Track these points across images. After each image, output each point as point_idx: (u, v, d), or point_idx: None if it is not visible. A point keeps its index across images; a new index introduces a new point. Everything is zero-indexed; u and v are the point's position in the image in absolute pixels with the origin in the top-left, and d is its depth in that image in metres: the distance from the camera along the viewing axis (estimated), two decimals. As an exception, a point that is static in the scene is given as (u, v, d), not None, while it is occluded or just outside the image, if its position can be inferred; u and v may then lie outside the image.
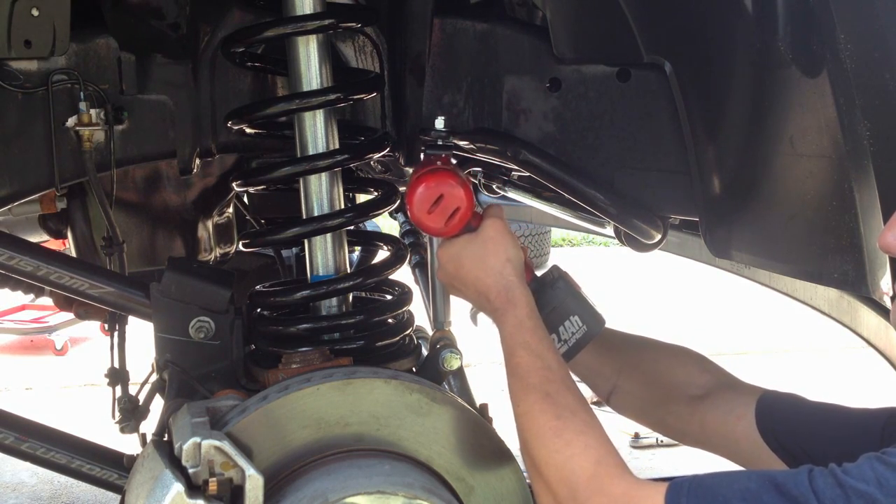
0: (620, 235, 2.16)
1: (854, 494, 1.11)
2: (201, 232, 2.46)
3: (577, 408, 1.37)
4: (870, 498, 1.10)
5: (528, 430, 1.38)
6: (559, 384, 1.40)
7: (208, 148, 1.96)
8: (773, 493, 1.15)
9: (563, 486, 1.29)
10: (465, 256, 1.55)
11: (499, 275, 1.52)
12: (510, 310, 1.49)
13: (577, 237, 10.09)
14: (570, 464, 1.29)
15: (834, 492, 1.12)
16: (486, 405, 1.77)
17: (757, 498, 1.15)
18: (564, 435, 1.32)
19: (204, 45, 1.91)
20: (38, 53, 1.70)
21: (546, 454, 1.33)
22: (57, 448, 1.85)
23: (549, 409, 1.36)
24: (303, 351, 1.69)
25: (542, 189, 2.76)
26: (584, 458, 1.29)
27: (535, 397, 1.38)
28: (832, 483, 1.13)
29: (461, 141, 1.99)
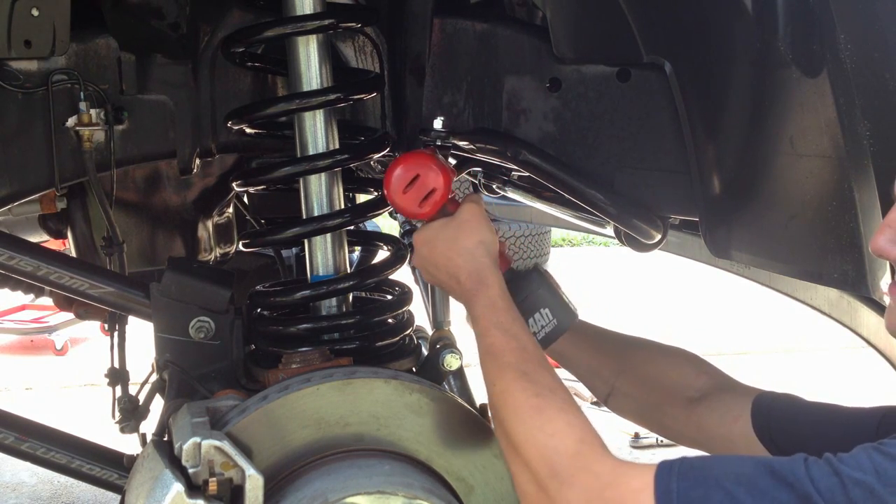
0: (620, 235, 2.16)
1: (851, 483, 1.09)
2: (201, 232, 2.46)
3: (556, 386, 1.34)
4: (867, 487, 1.09)
5: (505, 408, 1.34)
6: (535, 363, 1.37)
7: (208, 148, 1.96)
8: (768, 478, 1.12)
9: (543, 464, 1.25)
10: (439, 239, 1.54)
11: (470, 255, 1.50)
12: (482, 290, 1.47)
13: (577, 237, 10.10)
14: (552, 441, 1.26)
15: (830, 480, 1.10)
16: (486, 405, 1.77)
17: (751, 482, 1.12)
18: (545, 412, 1.29)
19: (204, 45, 1.91)
20: (38, 53, 1.70)
21: (525, 431, 1.29)
22: (57, 448, 1.85)
23: (528, 388, 1.33)
24: (303, 351, 1.69)
25: (542, 189, 2.76)
26: (566, 436, 1.26)
27: (512, 375, 1.35)
28: (828, 472, 1.11)
29: (461, 141, 1.99)
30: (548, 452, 1.26)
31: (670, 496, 1.14)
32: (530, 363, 1.37)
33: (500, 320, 1.43)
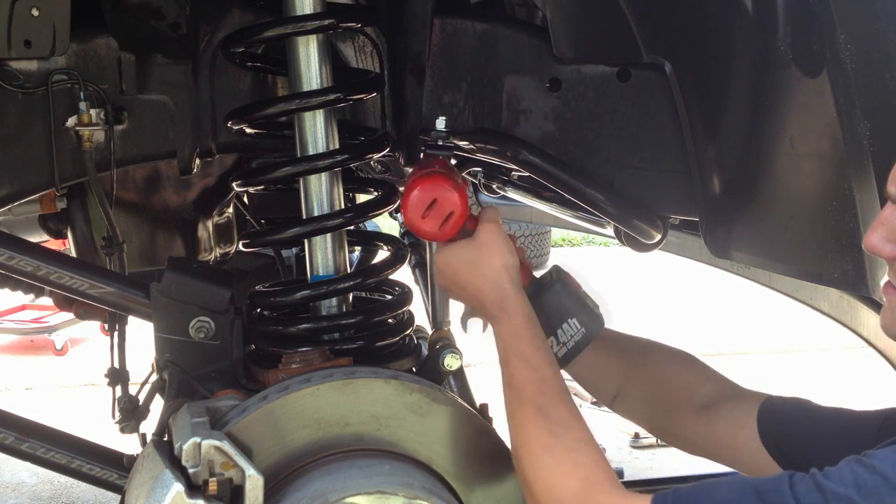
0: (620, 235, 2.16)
1: (833, 498, 1.12)
2: (201, 232, 2.46)
3: (571, 423, 1.37)
4: (848, 501, 1.11)
5: (519, 445, 1.38)
6: (553, 397, 1.39)
7: (208, 148, 1.96)
8: (753, 501, 1.16)
9: (551, 502, 1.31)
10: (461, 262, 1.55)
11: (494, 283, 1.51)
12: (505, 319, 1.49)
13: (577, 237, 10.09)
14: (559, 481, 1.31)
15: (814, 497, 1.13)
16: (486, 405, 1.77)
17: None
18: (555, 452, 1.33)
19: (204, 45, 1.91)
20: (38, 53, 1.70)
21: (535, 470, 1.34)
22: (57, 448, 1.85)
23: (542, 425, 1.36)
24: (303, 351, 1.69)
25: (542, 189, 2.76)
26: (572, 477, 1.30)
27: (529, 410, 1.38)
28: (812, 488, 1.14)
29: (461, 141, 1.99)
30: (554, 493, 1.31)
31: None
32: (548, 396, 1.40)
33: (521, 350, 1.45)
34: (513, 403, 1.42)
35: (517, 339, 1.46)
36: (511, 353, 1.46)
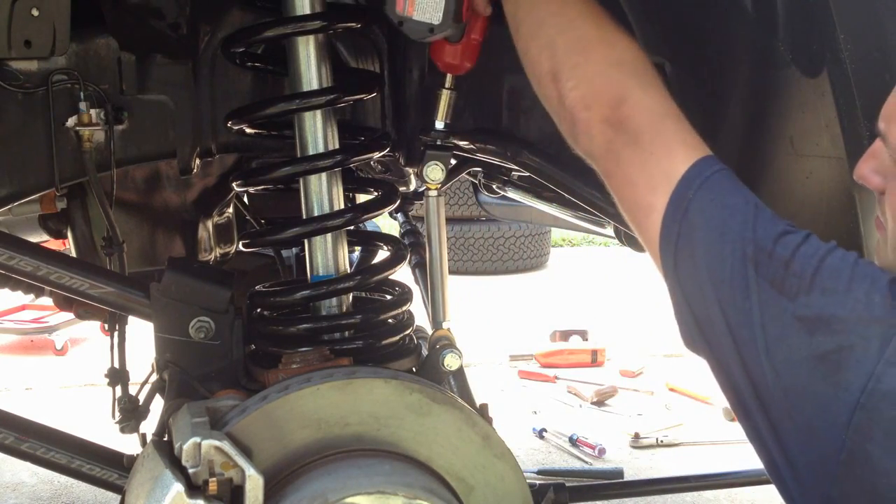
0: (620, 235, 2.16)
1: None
2: (201, 232, 2.45)
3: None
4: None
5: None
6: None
7: (208, 148, 1.96)
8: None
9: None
10: None
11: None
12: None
13: (577, 237, 10.08)
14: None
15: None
16: (486, 405, 1.77)
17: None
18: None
19: (204, 45, 1.91)
20: (38, 53, 1.70)
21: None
22: (57, 448, 1.85)
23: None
24: (303, 351, 1.69)
25: (542, 189, 2.76)
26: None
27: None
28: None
29: (461, 141, 1.99)
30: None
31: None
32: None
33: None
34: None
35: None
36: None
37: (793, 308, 1.13)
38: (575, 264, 9.00)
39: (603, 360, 5.72)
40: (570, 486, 2.61)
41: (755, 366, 1.15)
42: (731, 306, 1.17)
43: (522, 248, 8.39)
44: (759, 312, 1.15)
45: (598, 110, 1.31)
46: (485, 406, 1.76)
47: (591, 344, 5.84)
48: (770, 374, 1.14)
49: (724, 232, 1.19)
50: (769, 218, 1.20)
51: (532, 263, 8.47)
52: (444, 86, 1.75)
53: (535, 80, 1.43)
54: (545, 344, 5.85)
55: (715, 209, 1.21)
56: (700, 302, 1.21)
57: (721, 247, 1.19)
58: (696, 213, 1.21)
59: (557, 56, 1.37)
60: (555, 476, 3.94)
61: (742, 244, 1.17)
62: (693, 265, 1.22)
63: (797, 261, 1.15)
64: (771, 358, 1.14)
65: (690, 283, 1.22)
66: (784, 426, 1.15)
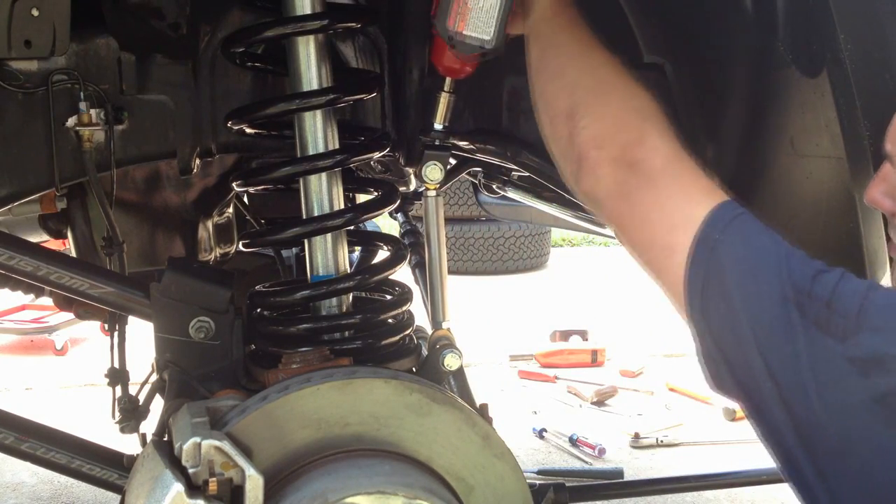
0: (620, 235, 2.15)
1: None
2: (201, 232, 2.45)
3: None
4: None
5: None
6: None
7: (208, 148, 1.96)
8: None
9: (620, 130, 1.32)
10: None
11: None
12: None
13: (577, 237, 10.09)
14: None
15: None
16: (486, 405, 1.77)
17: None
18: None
19: (204, 45, 1.91)
20: (38, 53, 1.70)
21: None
22: (57, 448, 1.85)
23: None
24: (303, 351, 1.69)
25: (542, 189, 2.76)
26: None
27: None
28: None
29: (461, 141, 1.99)
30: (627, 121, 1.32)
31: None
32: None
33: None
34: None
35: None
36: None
37: (843, 349, 1.09)
38: (575, 264, 9.00)
39: (603, 360, 5.72)
40: (570, 486, 2.61)
41: (803, 410, 1.10)
42: (771, 350, 1.13)
43: (522, 248, 8.39)
44: (807, 355, 1.10)
45: (610, 150, 1.31)
46: (485, 406, 1.76)
47: (591, 344, 5.84)
48: (823, 418, 1.09)
49: (757, 273, 1.16)
50: (801, 258, 1.17)
51: (532, 263, 8.48)
52: (444, 89, 1.75)
53: (548, 118, 1.43)
54: (545, 344, 5.85)
55: (746, 250, 1.18)
56: (734, 345, 1.17)
57: (757, 287, 1.15)
58: (725, 255, 1.18)
59: (576, 96, 1.37)
60: (555, 476, 3.94)
61: (780, 285, 1.13)
62: (726, 307, 1.17)
63: (839, 300, 1.11)
64: (824, 402, 1.09)
65: (722, 325, 1.18)
66: (835, 471, 1.10)
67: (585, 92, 1.37)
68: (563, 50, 1.44)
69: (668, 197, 1.25)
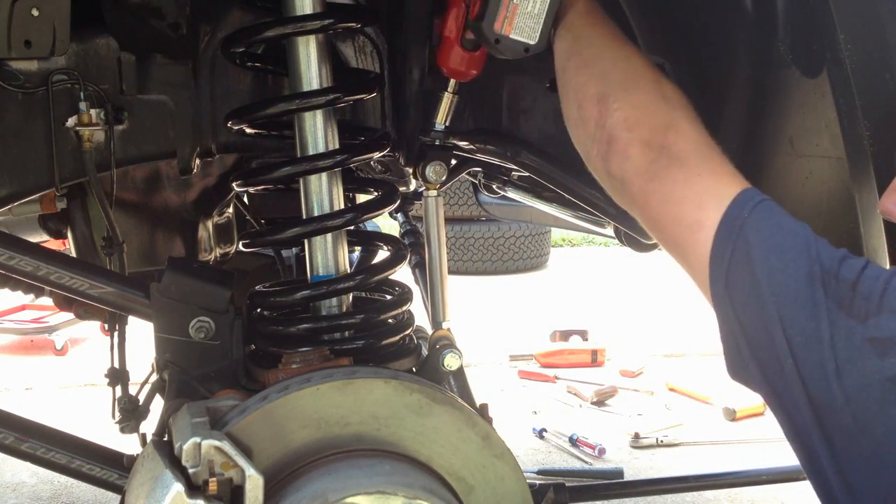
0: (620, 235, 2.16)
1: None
2: (201, 232, 2.45)
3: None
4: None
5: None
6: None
7: (208, 148, 1.96)
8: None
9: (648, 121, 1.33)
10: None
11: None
12: None
13: (577, 237, 10.10)
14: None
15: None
16: (486, 405, 1.77)
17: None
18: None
19: (204, 45, 1.91)
20: (38, 53, 1.70)
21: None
22: (57, 448, 1.85)
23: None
24: (303, 351, 1.69)
25: (542, 189, 2.76)
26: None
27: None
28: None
29: (461, 141, 1.99)
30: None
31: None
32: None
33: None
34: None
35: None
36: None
37: (863, 330, 1.10)
38: (575, 264, 9.00)
39: (603, 360, 5.72)
40: (570, 486, 2.61)
41: (821, 389, 1.11)
42: (794, 327, 1.14)
43: (522, 248, 8.39)
44: (830, 334, 1.11)
45: (641, 133, 1.32)
46: (485, 406, 1.76)
47: (591, 344, 5.84)
48: (840, 398, 1.10)
49: (784, 251, 1.17)
50: (826, 243, 1.18)
51: (532, 263, 8.48)
52: (447, 90, 1.76)
53: (576, 103, 1.45)
54: (545, 344, 5.85)
55: (773, 229, 1.20)
56: (757, 322, 1.18)
57: (784, 264, 1.16)
58: (752, 232, 1.19)
59: (608, 82, 1.40)
60: (555, 476, 3.95)
61: (808, 264, 1.15)
62: (751, 284, 1.18)
63: (864, 283, 1.12)
64: (841, 381, 1.10)
65: (746, 302, 1.19)
66: (849, 452, 1.11)
67: (617, 79, 1.40)
68: (594, 41, 1.47)
69: (697, 175, 1.27)
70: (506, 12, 1.50)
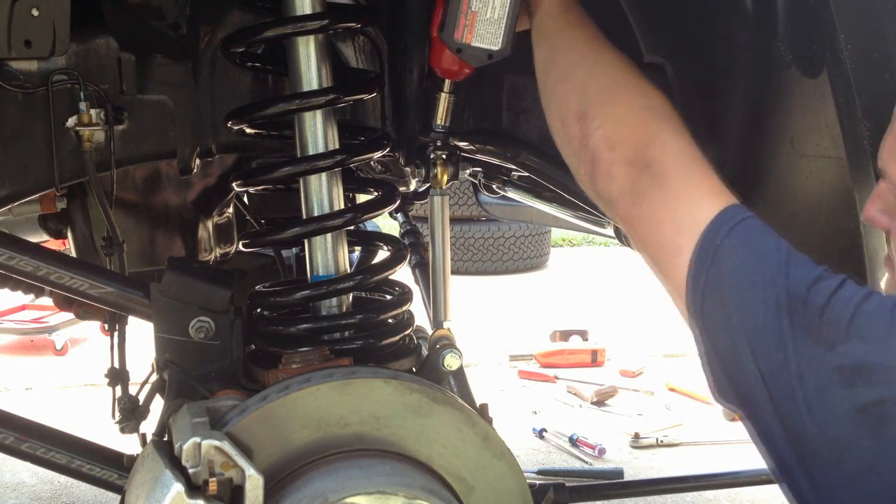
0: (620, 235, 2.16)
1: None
2: (201, 232, 2.45)
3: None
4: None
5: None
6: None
7: (208, 148, 1.96)
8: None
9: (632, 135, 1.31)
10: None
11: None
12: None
13: (577, 237, 10.09)
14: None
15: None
16: (486, 405, 1.77)
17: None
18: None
19: (204, 45, 1.91)
20: (38, 53, 1.70)
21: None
22: (57, 448, 1.85)
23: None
24: (303, 351, 1.69)
25: (542, 189, 2.76)
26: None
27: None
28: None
29: (461, 141, 1.99)
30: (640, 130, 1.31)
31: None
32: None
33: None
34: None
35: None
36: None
37: (830, 358, 1.07)
38: (575, 264, 9.00)
39: (603, 360, 5.72)
40: (570, 486, 2.61)
41: (794, 420, 1.09)
42: (764, 356, 1.12)
43: (522, 248, 8.39)
44: (796, 363, 1.09)
45: (623, 151, 1.30)
46: (485, 406, 1.76)
47: (591, 344, 5.84)
48: (812, 429, 1.08)
49: (755, 279, 1.15)
50: (802, 264, 1.16)
51: (532, 263, 8.47)
52: (443, 90, 1.76)
53: (559, 120, 1.42)
54: (545, 344, 5.85)
55: (746, 255, 1.17)
56: (730, 351, 1.16)
57: (752, 294, 1.14)
58: (725, 260, 1.17)
59: (587, 96, 1.37)
60: (555, 476, 3.95)
61: (775, 291, 1.12)
62: (723, 313, 1.17)
63: (832, 308, 1.09)
64: (812, 413, 1.08)
65: (720, 331, 1.18)
66: (828, 481, 1.09)
67: (596, 92, 1.37)
68: (571, 48, 1.44)
69: (675, 197, 1.24)
70: (465, 20, 1.50)
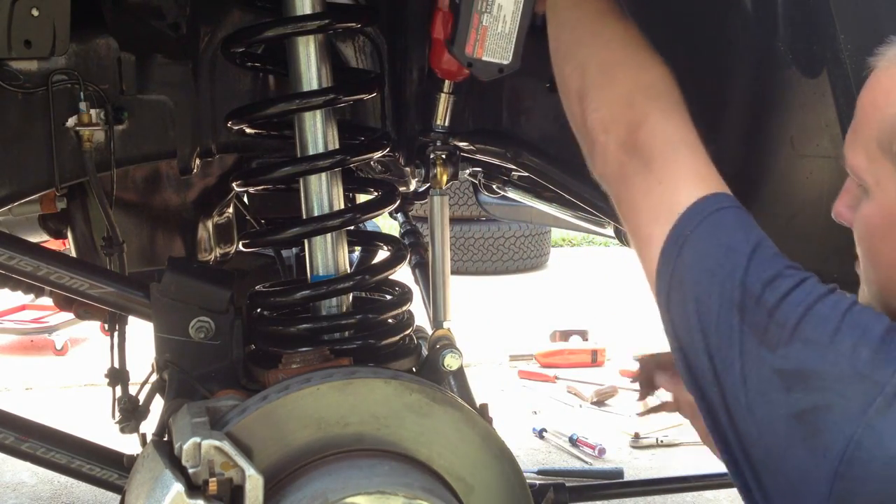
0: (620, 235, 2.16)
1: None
2: (201, 232, 2.45)
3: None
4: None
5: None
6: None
7: (208, 148, 1.96)
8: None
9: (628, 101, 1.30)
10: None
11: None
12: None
13: (577, 237, 10.08)
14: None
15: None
16: (486, 405, 1.77)
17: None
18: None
19: (204, 45, 1.91)
20: (38, 53, 1.70)
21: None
22: (57, 448, 1.85)
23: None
24: (303, 351, 1.69)
25: (542, 189, 2.76)
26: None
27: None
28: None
29: (461, 141, 1.99)
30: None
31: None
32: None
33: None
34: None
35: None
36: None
37: (772, 360, 1.04)
38: (575, 264, 8.99)
39: (603, 360, 5.72)
40: (570, 486, 2.61)
41: (740, 420, 1.07)
42: (717, 354, 1.09)
43: (522, 248, 8.38)
44: (741, 364, 1.07)
45: (616, 134, 1.28)
46: (485, 406, 1.76)
47: (591, 344, 5.84)
48: (753, 430, 1.06)
49: (714, 274, 1.11)
50: (768, 258, 1.12)
51: (532, 263, 8.47)
52: (443, 90, 1.75)
53: (565, 99, 1.42)
54: (545, 344, 5.85)
55: (710, 248, 1.14)
56: (690, 346, 1.14)
57: (710, 290, 1.11)
58: (690, 253, 1.14)
59: (586, 77, 1.36)
60: (555, 476, 3.95)
61: (731, 288, 1.09)
62: (684, 308, 1.14)
63: (783, 308, 1.06)
64: (753, 414, 1.05)
65: (682, 325, 1.16)
66: (768, 483, 1.07)
67: (595, 72, 1.35)
68: (577, 26, 1.42)
69: (657, 183, 1.22)
70: (476, 35, 1.49)
